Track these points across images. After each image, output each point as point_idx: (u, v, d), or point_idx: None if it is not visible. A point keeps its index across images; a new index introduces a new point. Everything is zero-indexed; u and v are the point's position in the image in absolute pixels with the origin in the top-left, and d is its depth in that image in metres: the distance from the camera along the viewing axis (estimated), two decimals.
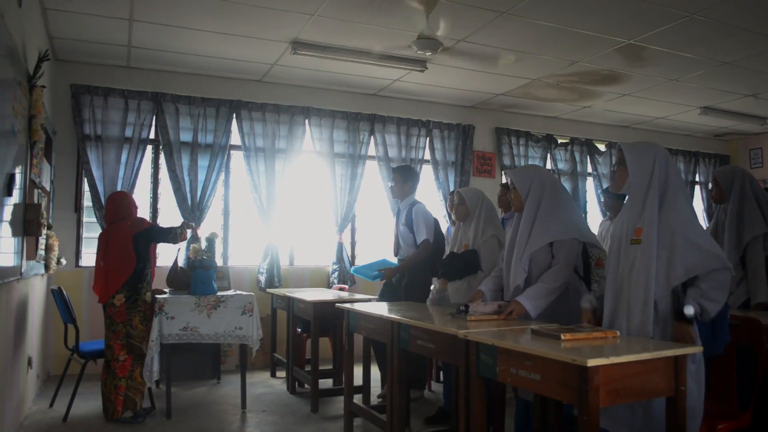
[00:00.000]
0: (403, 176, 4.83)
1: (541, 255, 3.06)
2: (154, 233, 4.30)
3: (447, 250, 4.10)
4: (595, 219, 7.82)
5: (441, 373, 4.87)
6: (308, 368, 5.02)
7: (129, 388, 4.07)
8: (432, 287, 4.44)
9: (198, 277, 4.38)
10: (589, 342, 2.33)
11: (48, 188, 4.95)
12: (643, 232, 2.49)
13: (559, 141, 8.01)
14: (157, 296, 4.26)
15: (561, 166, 7.95)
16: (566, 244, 3.03)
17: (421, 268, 4.67)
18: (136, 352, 4.10)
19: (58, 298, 4.38)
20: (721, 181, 3.76)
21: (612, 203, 5.59)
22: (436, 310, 3.56)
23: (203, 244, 4.56)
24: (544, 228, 3.04)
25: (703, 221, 9.00)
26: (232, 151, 6.39)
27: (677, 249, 2.41)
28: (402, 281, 4.69)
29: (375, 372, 4.61)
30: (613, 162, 2.68)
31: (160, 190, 6.14)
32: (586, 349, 2.19)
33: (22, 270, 3.67)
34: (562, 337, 2.31)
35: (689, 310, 2.36)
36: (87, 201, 5.84)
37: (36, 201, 4.09)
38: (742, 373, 2.78)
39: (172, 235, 4.27)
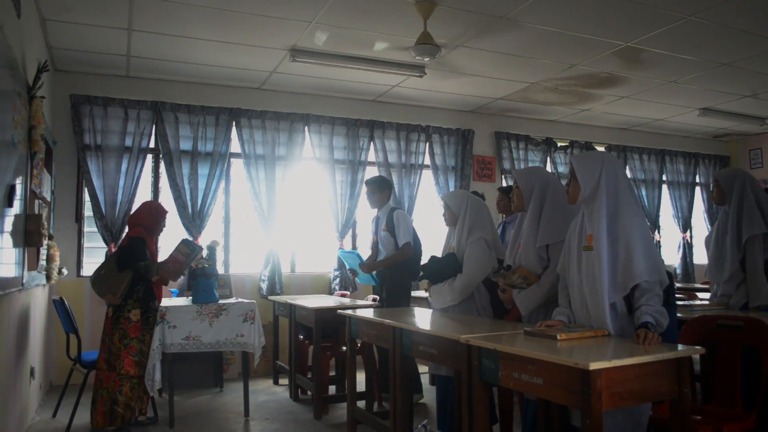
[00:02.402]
0: (380, 186, 4.98)
1: (537, 254, 3.07)
2: (125, 255, 4.05)
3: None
4: None
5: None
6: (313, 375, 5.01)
7: (117, 403, 3.95)
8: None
9: (199, 286, 4.37)
10: (583, 341, 2.36)
11: (49, 198, 4.96)
12: (594, 239, 2.54)
13: (559, 144, 8.01)
14: (159, 305, 4.23)
15: (561, 169, 7.95)
16: (558, 248, 3.01)
17: (403, 272, 4.77)
18: (113, 369, 3.98)
19: (59, 308, 4.38)
20: (722, 182, 3.77)
21: None
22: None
23: (204, 252, 4.56)
24: (548, 226, 3.05)
25: (704, 222, 9.00)
26: (232, 159, 6.40)
27: (627, 256, 2.46)
28: (383, 283, 4.81)
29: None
30: (567, 175, 2.76)
31: (160, 199, 6.13)
32: (587, 351, 2.20)
33: (24, 281, 3.67)
34: (558, 337, 2.36)
35: (647, 318, 2.37)
36: (88, 211, 5.85)
37: (37, 211, 4.10)
38: (747, 374, 2.77)
39: (143, 267, 4.01)
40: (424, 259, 4.08)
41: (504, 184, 7.58)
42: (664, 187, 8.76)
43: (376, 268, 4.84)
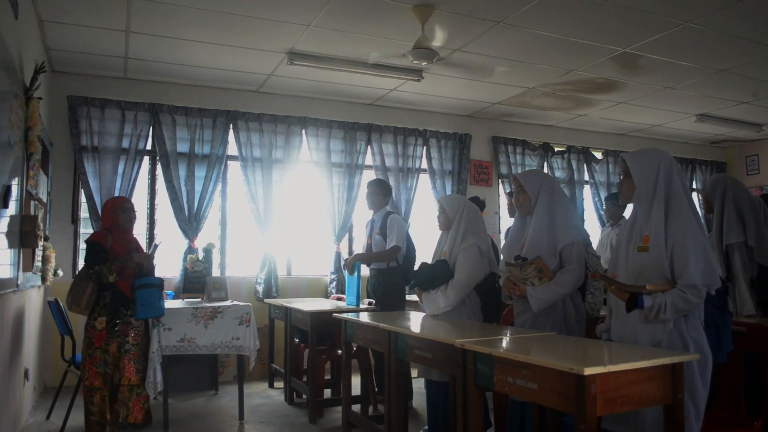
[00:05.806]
0: (383, 190, 5.01)
1: (549, 255, 3.04)
2: (85, 262, 3.87)
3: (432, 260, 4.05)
4: (591, 226, 7.82)
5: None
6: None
7: (91, 413, 3.73)
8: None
9: (138, 298, 3.83)
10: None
11: (45, 200, 4.95)
12: (651, 240, 2.46)
13: (556, 149, 8.02)
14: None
15: (558, 174, 7.96)
16: (576, 248, 3.03)
17: (397, 276, 4.78)
18: (80, 378, 3.83)
19: (54, 309, 4.36)
20: (706, 191, 3.80)
21: (614, 211, 5.63)
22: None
23: (200, 255, 4.55)
24: (566, 226, 3.04)
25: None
26: (229, 162, 6.39)
27: (681, 258, 2.38)
28: (378, 288, 4.80)
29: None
30: (619, 173, 2.67)
31: (157, 201, 6.13)
32: (582, 356, 2.20)
33: (19, 282, 3.66)
34: (648, 287, 2.38)
35: (645, 303, 2.35)
36: (84, 212, 5.84)
37: (33, 212, 4.09)
38: (750, 379, 2.78)
39: (94, 274, 3.73)
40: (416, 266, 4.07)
41: (502, 189, 7.59)
42: None
43: (356, 261, 4.79)
